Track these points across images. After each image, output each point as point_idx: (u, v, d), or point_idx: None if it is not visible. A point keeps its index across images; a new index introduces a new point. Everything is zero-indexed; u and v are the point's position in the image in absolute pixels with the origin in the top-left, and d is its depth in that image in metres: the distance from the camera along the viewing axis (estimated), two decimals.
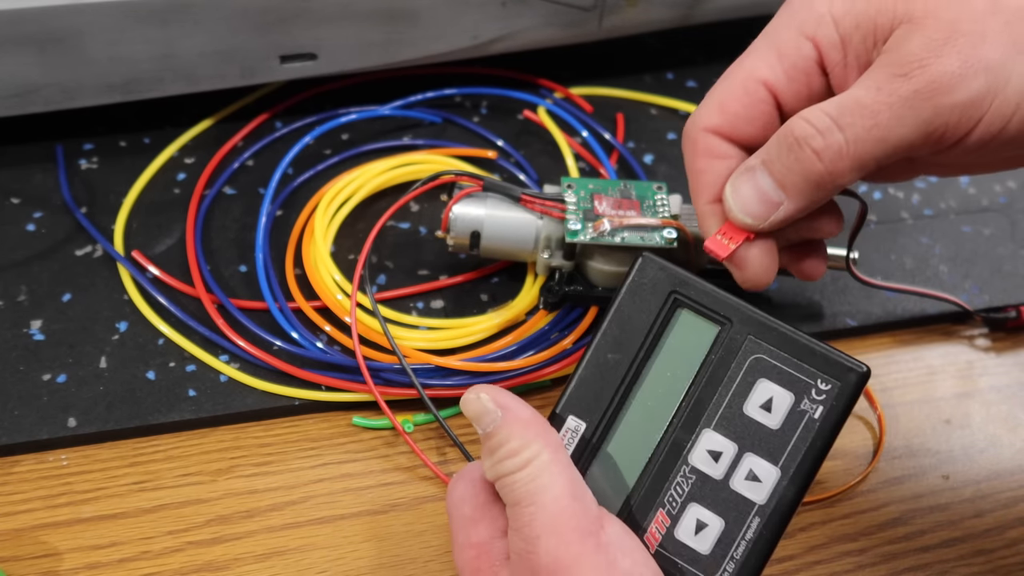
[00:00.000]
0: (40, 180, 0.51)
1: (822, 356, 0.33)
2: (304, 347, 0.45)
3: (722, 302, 0.34)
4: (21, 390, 0.43)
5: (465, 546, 0.33)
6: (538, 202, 0.45)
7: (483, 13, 0.52)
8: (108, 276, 0.47)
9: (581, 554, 0.30)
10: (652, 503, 0.33)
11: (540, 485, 0.31)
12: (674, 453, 0.33)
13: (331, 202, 0.50)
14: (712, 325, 0.34)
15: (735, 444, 0.33)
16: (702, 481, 0.33)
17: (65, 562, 0.39)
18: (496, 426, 0.32)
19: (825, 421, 0.33)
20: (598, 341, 0.34)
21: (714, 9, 0.57)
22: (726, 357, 0.33)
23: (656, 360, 0.34)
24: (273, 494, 0.42)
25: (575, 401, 0.34)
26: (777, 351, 0.33)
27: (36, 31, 0.45)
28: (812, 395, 0.33)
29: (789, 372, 0.33)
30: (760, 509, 0.32)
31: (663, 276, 0.34)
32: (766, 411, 0.33)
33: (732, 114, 0.35)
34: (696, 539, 0.33)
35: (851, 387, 0.33)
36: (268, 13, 0.48)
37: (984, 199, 0.55)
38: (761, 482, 0.33)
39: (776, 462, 0.33)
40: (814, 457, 0.33)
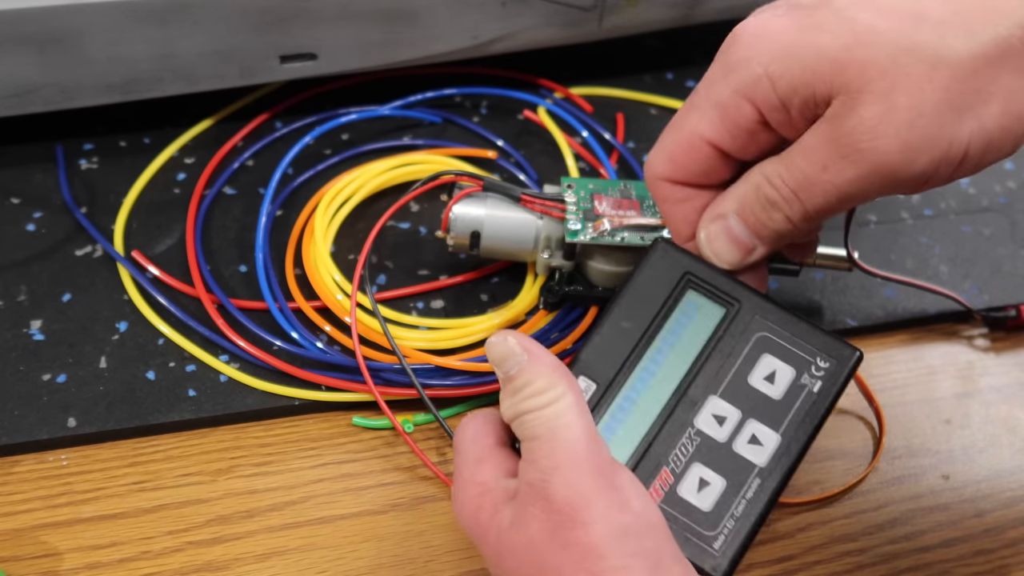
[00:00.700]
0: (40, 180, 0.51)
1: (822, 338, 0.36)
2: (304, 347, 0.45)
3: (732, 285, 0.37)
4: (21, 390, 0.43)
5: (470, 483, 0.33)
6: (538, 202, 0.45)
7: (483, 13, 0.52)
8: (108, 276, 0.47)
9: (597, 488, 0.30)
10: (657, 462, 0.35)
11: (563, 423, 0.31)
12: (680, 416, 0.35)
13: (331, 202, 0.50)
14: (721, 305, 0.37)
15: (739, 410, 0.35)
16: (706, 443, 0.35)
17: (65, 562, 0.39)
18: (521, 368, 0.33)
19: (823, 395, 0.35)
20: (615, 310, 0.37)
21: (714, 9, 0.57)
22: (733, 333, 0.36)
23: (667, 331, 0.36)
24: (273, 494, 0.42)
25: (588, 363, 0.36)
26: (781, 330, 0.36)
27: (36, 31, 0.45)
28: (812, 371, 0.36)
29: (791, 350, 0.36)
30: (761, 471, 0.35)
31: (680, 258, 0.37)
32: (769, 382, 0.36)
33: (682, 166, 0.37)
34: (698, 496, 0.34)
35: (847, 366, 0.35)
36: (268, 13, 0.48)
37: (984, 199, 0.55)
38: (763, 446, 0.35)
39: (777, 429, 0.35)
40: (812, 426, 0.35)
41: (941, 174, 0.33)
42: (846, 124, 0.32)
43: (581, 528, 0.30)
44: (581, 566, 0.30)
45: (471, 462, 0.34)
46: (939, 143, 0.32)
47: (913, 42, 0.31)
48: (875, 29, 0.32)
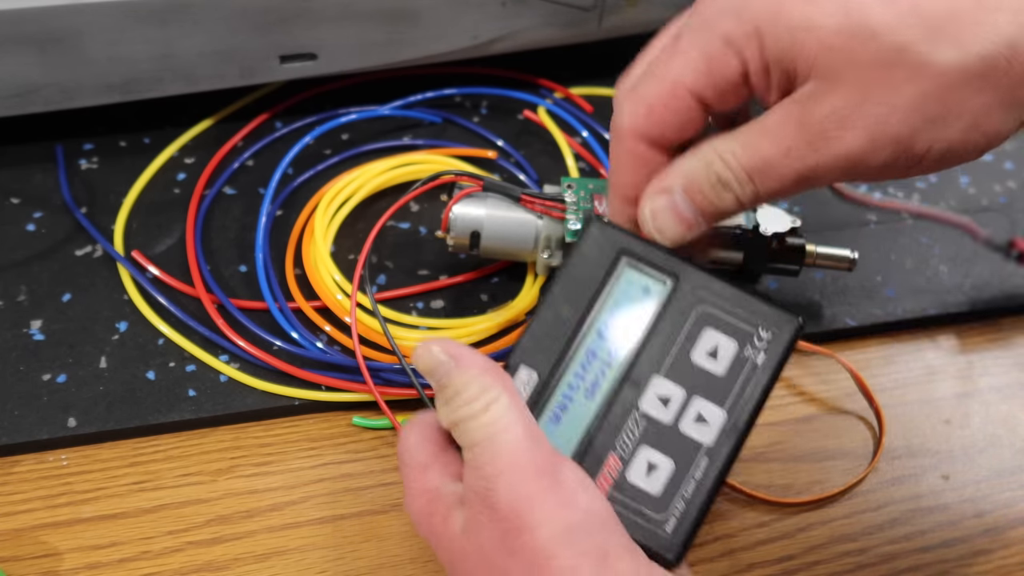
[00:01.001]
0: (40, 180, 0.51)
1: (762, 307, 0.35)
2: (304, 347, 0.45)
3: (669, 260, 0.36)
4: (21, 390, 0.43)
5: (418, 492, 0.33)
6: (538, 202, 0.45)
7: (483, 13, 0.52)
8: (108, 276, 0.47)
9: (540, 489, 0.30)
10: (604, 449, 0.34)
11: (500, 427, 0.31)
12: (624, 400, 0.34)
13: (331, 202, 0.50)
14: (659, 280, 0.36)
15: (683, 389, 0.34)
16: (652, 425, 0.34)
17: (65, 562, 0.39)
18: (451, 375, 0.32)
19: (766, 366, 0.34)
20: (551, 296, 0.36)
21: None
22: (673, 310, 0.35)
23: (607, 313, 0.36)
24: (273, 494, 0.42)
25: (528, 352, 0.35)
26: (721, 303, 0.35)
27: (36, 31, 0.45)
28: (754, 343, 0.34)
29: (732, 323, 0.35)
30: (708, 450, 0.34)
31: (614, 235, 0.36)
32: (712, 358, 0.34)
33: (659, 120, 0.35)
34: (647, 480, 0.34)
35: (788, 335, 0.34)
36: (268, 13, 0.48)
37: (984, 199, 0.55)
38: (708, 424, 0.34)
39: (722, 404, 0.34)
40: (757, 399, 0.34)
41: (898, 167, 0.33)
42: (817, 110, 0.32)
43: (528, 533, 0.30)
44: (530, 570, 0.30)
45: (418, 469, 0.33)
46: (903, 142, 0.32)
47: (904, 41, 0.31)
48: (869, 18, 0.31)
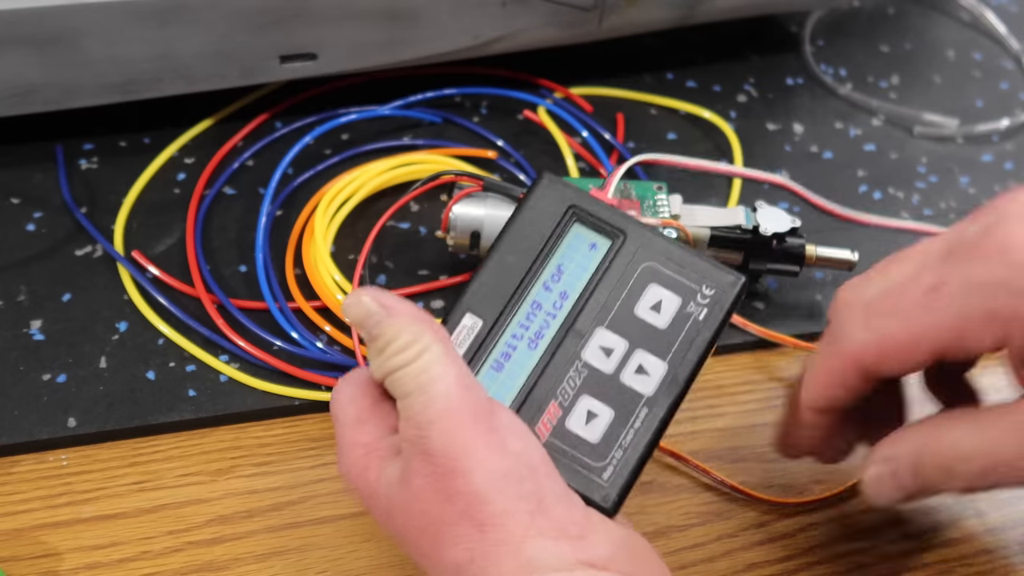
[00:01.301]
0: (40, 180, 0.51)
1: (706, 266, 0.36)
2: (304, 347, 0.45)
3: (617, 217, 0.36)
4: (21, 390, 0.43)
5: (353, 446, 0.33)
6: None
7: (483, 13, 0.52)
8: (108, 276, 0.47)
9: (474, 436, 0.31)
10: (544, 396, 0.35)
11: (432, 376, 0.31)
12: (567, 349, 0.35)
13: (331, 202, 0.50)
14: (607, 236, 0.36)
15: (626, 341, 0.35)
16: (594, 375, 0.35)
17: (65, 562, 0.39)
18: (382, 326, 0.32)
19: (708, 321, 0.35)
20: (500, 245, 0.36)
21: (714, 9, 0.57)
22: (620, 264, 0.36)
23: (553, 265, 0.36)
24: (273, 494, 0.42)
25: (474, 299, 0.36)
26: (667, 260, 0.36)
27: (36, 31, 0.45)
28: (697, 299, 0.35)
29: (677, 279, 0.36)
30: (648, 400, 0.34)
31: (564, 191, 0.37)
32: (655, 312, 0.35)
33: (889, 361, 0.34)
34: (586, 428, 0.34)
35: (731, 293, 0.35)
36: (268, 13, 0.48)
37: (983, 199, 0.55)
38: (649, 376, 0.35)
39: (664, 357, 0.35)
40: (698, 353, 0.35)
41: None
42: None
43: (461, 478, 0.30)
44: (465, 515, 0.30)
45: (351, 424, 0.33)
46: None
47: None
48: None
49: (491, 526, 0.30)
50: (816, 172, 0.56)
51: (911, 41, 0.65)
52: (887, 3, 0.68)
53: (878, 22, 0.66)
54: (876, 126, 0.59)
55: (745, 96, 0.60)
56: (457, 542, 0.30)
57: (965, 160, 0.58)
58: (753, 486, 0.43)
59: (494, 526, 0.30)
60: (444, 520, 0.31)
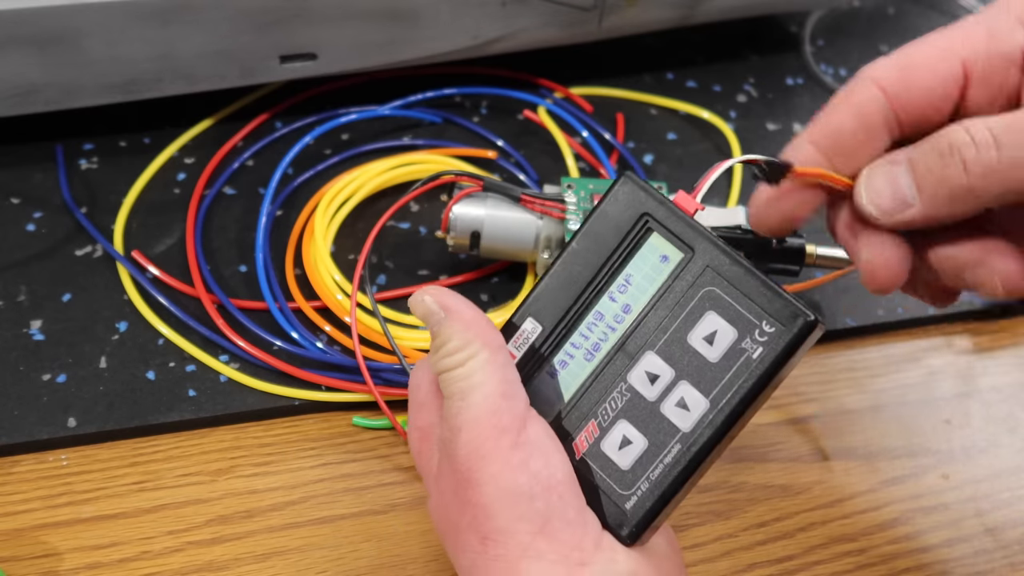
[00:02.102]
0: (40, 180, 0.51)
1: (773, 298, 0.32)
2: (304, 347, 0.45)
3: (690, 230, 0.34)
4: (21, 390, 0.43)
5: (413, 427, 0.35)
6: (538, 202, 0.45)
7: (483, 13, 0.52)
8: (108, 276, 0.47)
9: (497, 448, 0.31)
10: (586, 413, 0.34)
11: (473, 382, 0.32)
12: (615, 369, 0.34)
13: (331, 202, 0.50)
14: (676, 251, 0.34)
15: (673, 370, 0.33)
16: (635, 400, 0.33)
17: (65, 562, 0.39)
18: (439, 326, 0.33)
19: (761, 363, 0.32)
20: (568, 253, 0.35)
21: (714, 9, 0.57)
22: (682, 284, 0.33)
23: (618, 278, 0.34)
24: (273, 494, 0.42)
25: (537, 305, 0.35)
26: (731, 286, 0.33)
27: (36, 31, 0.45)
28: (755, 335, 0.32)
29: (738, 309, 0.32)
30: (683, 436, 0.32)
31: (640, 197, 0.34)
32: (708, 343, 0.33)
33: (910, 79, 0.32)
34: (619, 454, 0.33)
35: (794, 333, 0.31)
36: (268, 13, 0.48)
37: None
38: (689, 411, 0.32)
39: (707, 394, 0.32)
40: (744, 396, 0.32)
41: None
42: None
43: (474, 489, 0.31)
44: (472, 525, 0.31)
45: (416, 407, 0.35)
46: None
47: None
48: None
49: (492, 541, 0.31)
50: None
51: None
52: (887, 3, 0.68)
53: (878, 22, 0.66)
54: None
55: (745, 96, 0.60)
56: (464, 549, 0.31)
57: None
58: (753, 486, 0.43)
59: (495, 541, 0.31)
60: (458, 525, 0.32)
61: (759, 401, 0.32)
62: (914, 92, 0.32)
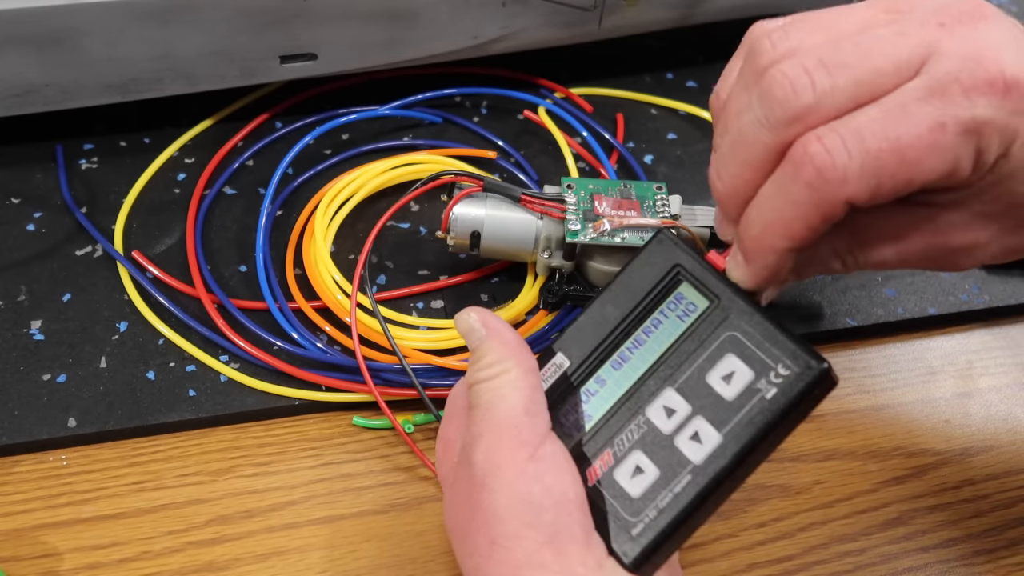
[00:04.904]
0: (40, 180, 0.51)
1: (792, 345, 0.33)
2: (304, 347, 0.45)
3: (716, 282, 0.36)
4: (21, 390, 0.43)
5: (441, 437, 0.37)
6: (538, 202, 0.45)
7: (483, 13, 0.52)
8: (108, 276, 0.47)
9: (514, 459, 0.32)
10: (603, 443, 0.35)
11: (499, 395, 0.34)
12: (635, 403, 0.35)
13: (331, 202, 0.50)
14: (703, 299, 0.36)
15: (689, 406, 0.34)
16: (651, 432, 0.35)
17: (65, 562, 0.39)
18: (479, 342, 0.35)
19: (775, 402, 0.33)
20: (603, 295, 0.37)
21: (714, 9, 0.57)
22: (705, 329, 0.35)
23: (646, 321, 0.36)
24: (273, 494, 0.42)
25: (568, 341, 0.37)
26: (752, 333, 0.34)
27: (36, 31, 0.45)
28: (770, 376, 0.33)
29: (756, 353, 0.34)
30: (694, 468, 0.34)
31: (674, 252, 0.37)
32: (725, 382, 0.34)
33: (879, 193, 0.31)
34: (631, 482, 0.34)
35: (807, 378, 0.33)
36: (268, 13, 0.48)
37: None
38: (702, 444, 0.34)
39: (720, 429, 0.34)
40: (756, 432, 0.33)
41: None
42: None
43: (488, 494, 0.32)
44: (481, 529, 0.32)
45: (447, 418, 0.37)
46: None
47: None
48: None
49: (498, 546, 0.31)
50: None
51: None
52: None
53: None
54: None
55: None
56: (472, 552, 0.32)
57: None
58: (753, 486, 0.43)
59: (501, 547, 0.31)
60: (468, 528, 0.33)
61: (770, 440, 0.33)
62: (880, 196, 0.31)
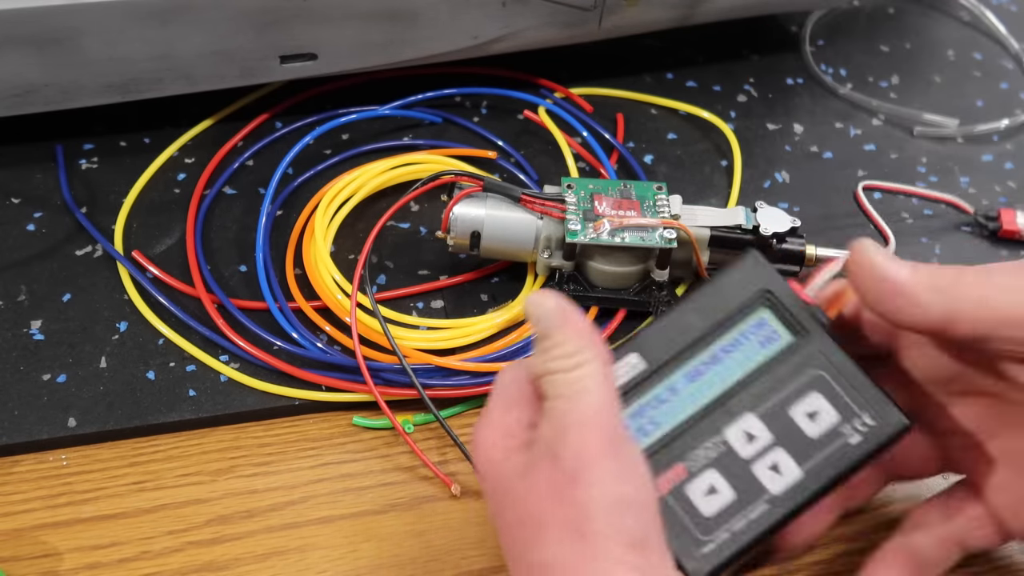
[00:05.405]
0: (40, 180, 0.51)
1: (878, 395, 0.35)
2: (304, 347, 0.45)
3: (807, 316, 0.36)
4: (21, 390, 0.43)
5: (496, 424, 0.34)
6: (538, 202, 0.45)
7: (483, 13, 0.52)
8: (108, 276, 0.47)
9: (603, 455, 0.31)
10: (675, 456, 0.35)
11: (583, 387, 0.32)
12: (713, 422, 0.35)
13: (331, 202, 0.50)
14: (790, 331, 0.36)
15: (772, 435, 0.35)
16: (729, 455, 0.35)
17: (65, 562, 0.39)
18: (554, 329, 0.33)
19: (858, 449, 0.35)
20: (688, 302, 0.37)
21: (714, 9, 0.57)
22: (792, 362, 0.36)
23: (730, 339, 0.37)
24: (273, 494, 0.42)
25: (645, 343, 0.36)
26: (839, 375, 0.36)
27: (36, 31, 0.45)
28: (855, 424, 0.35)
29: (842, 397, 0.35)
30: (772, 498, 0.34)
31: (765, 273, 0.37)
32: (809, 419, 0.35)
33: None
34: (704, 500, 0.34)
35: (890, 430, 0.35)
36: (268, 13, 0.48)
37: (984, 199, 0.55)
38: (782, 476, 0.35)
39: (802, 465, 0.35)
40: (838, 474, 0.35)
41: None
42: None
43: (582, 488, 0.31)
44: (572, 524, 0.31)
45: (502, 404, 0.35)
46: None
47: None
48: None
49: (588, 542, 0.30)
50: (816, 172, 0.56)
51: (911, 41, 0.65)
52: (887, 3, 0.68)
53: (878, 22, 0.66)
54: (876, 126, 0.59)
55: (745, 96, 0.60)
56: (550, 544, 0.31)
57: (965, 160, 0.58)
58: None
59: (591, 543, 0.30)
60: (547, 521, 0.31)
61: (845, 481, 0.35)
62: None
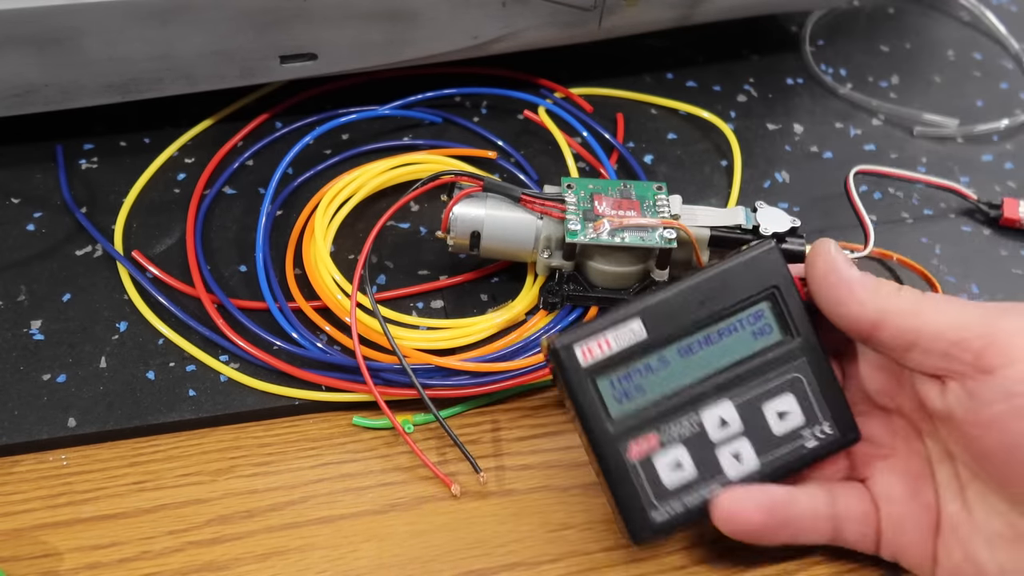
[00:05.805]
0: (40, 180, 0.51)
1: (843, 409, 0.39)
2: (304, 347, 0.45)
3: (802, 319, 0.39)
4: (21, 390, 0.43)
5: None
6: (538, 202, 0.45)
7: (483, 13, 0.52)
8: (108, 276, 0.47)
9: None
10: (651, 424, 0.37)
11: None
12: (693, 401, 0.38)
13: (331, 202, 0.50)
14: (781, 329, 0.39)
15: (742, 425, 0.38)
16: (700, 436, 0.38)
17: (65, 562, 0.39)
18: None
19: (811, 453, 0.38)
20: (699, 281, 0.38)
21: (714, 9, 0.57)
22: (776, 359, 0.38)
23: (727, 325, 0.38)
24: (273, 494, 0.42)
25: (648, 312, 0.38)
26: (815, 382, 0.38)
27: (36, 31, 0.45)
28: (815, 430, 0.38)
29: (812, 403, 0.38)
30: (727, 483, 0.37)
31: (779, 271, 0.39)
32: (779, 418, 0.38)
33: None
34: (668, 473, 0.37)
35: (843, 441, 0.39)
36: (268, 13, 0.48)
37: (984, 199, 0.55)
38: (741, 464, 0.38)
39: (760, 457, 0.38)
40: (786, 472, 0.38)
41: None
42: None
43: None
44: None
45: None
46: None
47: None
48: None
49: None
50: (816, 172, 0.56)
51: (911, 41, 0.65)
52: (887, 3, 0.68)
53: (878, 22, 0.66)
54: (876, 126, 0.59)
55: (745, 96, 0.60)
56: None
57: (965, 160, 0.58)
58: None
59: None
60: None
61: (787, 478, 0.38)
62: None
